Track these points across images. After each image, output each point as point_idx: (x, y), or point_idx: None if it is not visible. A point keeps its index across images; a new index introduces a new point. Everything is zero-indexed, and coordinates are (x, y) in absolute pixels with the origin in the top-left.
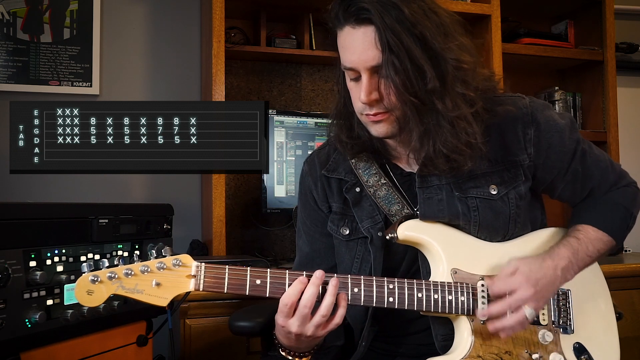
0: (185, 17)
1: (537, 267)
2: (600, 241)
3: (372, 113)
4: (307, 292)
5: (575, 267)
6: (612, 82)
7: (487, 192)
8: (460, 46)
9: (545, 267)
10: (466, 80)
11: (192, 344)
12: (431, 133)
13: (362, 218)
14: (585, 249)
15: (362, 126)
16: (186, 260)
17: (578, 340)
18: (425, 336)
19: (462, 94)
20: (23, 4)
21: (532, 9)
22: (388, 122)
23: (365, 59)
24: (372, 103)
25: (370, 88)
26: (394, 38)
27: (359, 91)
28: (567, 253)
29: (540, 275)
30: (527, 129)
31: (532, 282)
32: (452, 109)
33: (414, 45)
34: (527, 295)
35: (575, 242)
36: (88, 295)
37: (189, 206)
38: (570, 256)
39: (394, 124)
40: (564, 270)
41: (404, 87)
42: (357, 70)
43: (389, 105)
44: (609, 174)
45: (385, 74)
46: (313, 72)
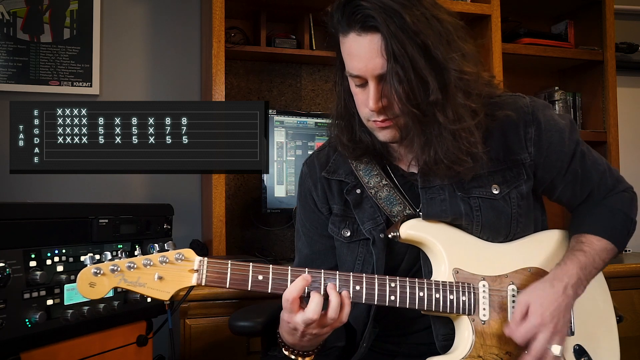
0: (185, 17)
1: (547, 297)
2: (605, 251)
3: (379, 120)
4: (312, 302)
5: (584, 281)
6: (612, 82)
7: (490, 191)
8: (463, 55)
9: (556, 292)
10: (468, 91)
11: (192, 344)
12: (432, 143)
13: (364, 220)
14: (593, 262)
15: (364, 129)
16: (189, 254)
17: (578, 342)
18: (426, 336)
19: (464, 104)
20: (23, 4)
21: (532, 9)
22: (395, 128)
23: (372, 68)
24: (380, 110)
25: (377, 96)
26: (399, 47)
27: (365, 98)
28: (575, 269)
29: (554, 307)
30: (528, 128)
31: (549, 319)
32: (453, 120)
33: (417, 55)
34: (548, 336)
35: (582, 255)
36: (90, 288)
37: (189, 206)
38: (578, 272)
39: (400, 131)
40: (574, 288)
41: (406, 98)
42: (363, 78)
43: (395, 112)
44: (607, 178)
45: (390, 83)
46: (313, 72)
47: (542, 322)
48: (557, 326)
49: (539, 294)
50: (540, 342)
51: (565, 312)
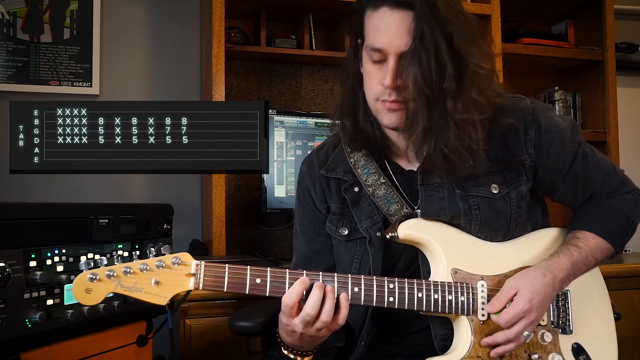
0: (185, 17)
1: (538, 286)
2: (599, 249)
3: (390, 99)
4: (311, 298)
5: (572, 277)
6: (612, 82)
7: (489, 190)
8: (481, 52)
9: (546, 283)
10: (481, 87)
11: (192, 344)
12: (435, 130)
13: (361, 218)
14: (584, 259)
15: (367, 118)
16: (186, 258)
17: (576, 340)
18: (425, 336)
19: (474, 99)
20: (23, 4)
21: (532, 9)
22: (403, 112)
23: (397, 44)
24: (394, 89)
25: (395, 73)
26: (427, 29)
27: (380, 75)
28: (567, 264)
29: (542, 297)
30: (528, 129)
31: (535, 307)
32: (461, 111)
33: (442, 41)
34: (528, 323)
35: (576, 251)
36: (86, 294)
37: (189, 206)
38: (569, 267)
39: (407, 117)
40: (561, 282)
41: (422, 80)
42: (384, 53)
43: (407, 96)
44: (611, 179)
45: (410, 62)
46: (313, 72)
47: (530, 309)
48: (539, 315)
49: (530, 281)
50: (520, 327)
51: (548, 303)
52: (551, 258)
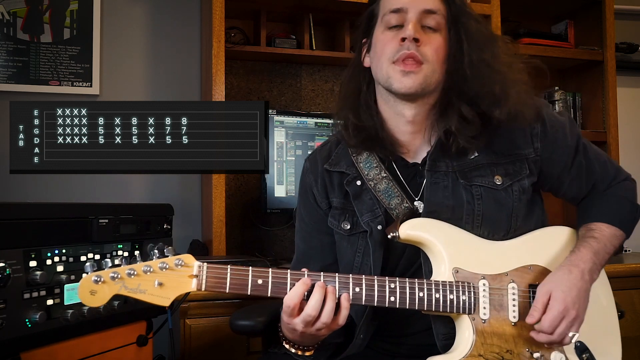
0: (185, 17)
1: (567, 284)
2: (615, 237)
3: (409, 52)
4: (313, 299)
5: (599, 266)
6: (612, 82)
7: (492, 181)
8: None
9: (574, 278)
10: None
11: (192, 343)
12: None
13: (363, 212)
14: (604, 247)
15: (368, 111)
16: (188, 260)
17: (580, 338)
18: (426, 336)
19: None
20: (23, 4)
21: (532, 9)
22: (418, 75)
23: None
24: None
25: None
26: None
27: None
28: (589, 255)
29: (575, 293)
30: (534, 124)
31: (571, 305)
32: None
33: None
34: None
35: (594, 242)
36: (91, 296)
37: (189, 206)
38: (592, 257)
39: (421, 81)
40: (590, 273)
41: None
42: (404, 13)
43: (426, 55)
44: (609, 168)
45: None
46: (313, 72)
47: (566, 308)
48: (579, 312)
49: (558, 281)
50: (562, 328)
51: (584, 297)
52: (572, 254)
